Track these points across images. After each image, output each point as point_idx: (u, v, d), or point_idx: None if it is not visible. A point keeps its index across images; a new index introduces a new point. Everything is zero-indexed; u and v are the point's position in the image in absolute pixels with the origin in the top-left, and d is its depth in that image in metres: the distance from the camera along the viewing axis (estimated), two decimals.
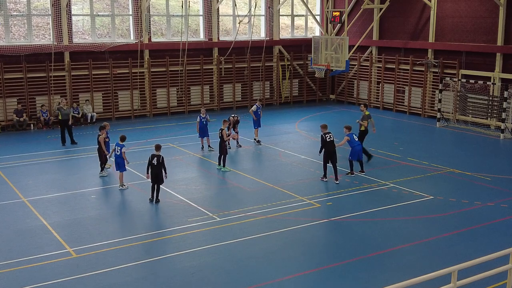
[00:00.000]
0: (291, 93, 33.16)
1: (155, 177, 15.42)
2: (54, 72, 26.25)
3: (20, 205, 15.42)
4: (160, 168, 15.36)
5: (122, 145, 16.69)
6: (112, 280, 11.07)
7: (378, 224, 14.08)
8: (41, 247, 12.57)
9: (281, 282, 11.00)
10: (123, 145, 16.73)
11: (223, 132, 18.77)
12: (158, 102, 29.16)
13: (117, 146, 16.75)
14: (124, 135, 17.15)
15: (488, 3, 25.51)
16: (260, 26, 32.60)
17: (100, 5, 28.23)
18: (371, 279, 11.11)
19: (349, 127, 18.31)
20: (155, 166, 15.34)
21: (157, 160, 15.33)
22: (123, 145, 16.70)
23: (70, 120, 22.55)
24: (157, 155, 15.40)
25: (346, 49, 26.47)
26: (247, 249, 12.60)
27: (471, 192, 16.56)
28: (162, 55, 28.86)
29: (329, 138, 17.26)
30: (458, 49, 26.86)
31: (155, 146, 15.71)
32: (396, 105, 30.19)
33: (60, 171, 19.10)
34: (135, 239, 13.10)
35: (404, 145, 22.46)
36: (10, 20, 26.09)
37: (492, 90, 25.15)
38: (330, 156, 17.33)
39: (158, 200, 15.57)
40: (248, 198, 16.13)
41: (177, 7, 29.26)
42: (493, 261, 9.15)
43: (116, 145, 16.80)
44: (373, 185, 17.18)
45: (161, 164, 15.38)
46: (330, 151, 17.28)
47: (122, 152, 16.56)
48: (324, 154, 17.42)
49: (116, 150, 16.77)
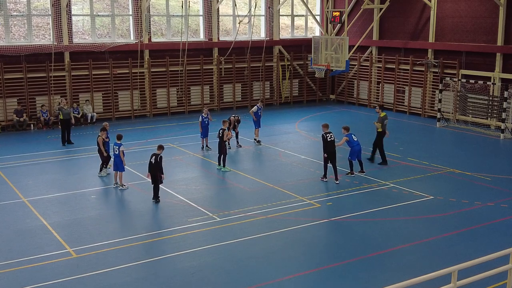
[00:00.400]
0: (291, 93, 33.16)
1: (153, 176, 15.45)
2: (54, 72, 26.25)
3: (20, 205, 15.42)
4: (156, 168, 15.33)
5: (120, 144, 16.60)
6: (112, 280, 11.07)
7: (378, 224, 14.08)
8: (41, 247, 12.57)
9: (281, 282, 11.00)
10: (121, 144, 16.65)
11: (224, 132, 18.76)
12: (158, 102, 29.16)
13: (115, 146, 16.69)
14: (120, 133, 17.13)
15: (488, 3, 25.51)
16: (260, 26, 32.60)
17: (100, 5, 28.23)
18: (371, 279, 11.11)
19: (347, 127, 18.31)
20: (153, 165, 15.35)
21: (155, 159, 15.33)
22: (120, 144, 16.61)
23: (72, 119, 22.57)
24: (155, 154, 15.41)
25: (346, 49, 26.47)
26: (247, 249, 12.60)
27: (471, 192, 16.56)
28: (162, 55, 28.86)
29: (329, 138, 17.26)
30: (458, 49, 26.86)
31: (157, 146, 15.77)
32: (396, 105, 30.19)
33: (60, 171, 19.10)
34: (135, 239, 13.10)
35: (404, 145, 22.46)
36: (10, 20, 26.09)
37: (492, 90, 25.15)
38: (330, 156, 17.33)
39: (157, 200, 15.56)
40: (248, 198, 16.13)
41: (177, 7, 29.26)
42: (493, 261, 9.14)
43: (114, 145, 16.75)
44: (373, 185, 17.18)
45: (158, 163, 15.35)
46: (330, 151, 17.28)
47: (120, 151, 16.49)
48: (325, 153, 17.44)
49: (114, 149, 16.73)
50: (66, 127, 22.42)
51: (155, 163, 15.32)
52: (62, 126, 22.48)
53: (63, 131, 22.41)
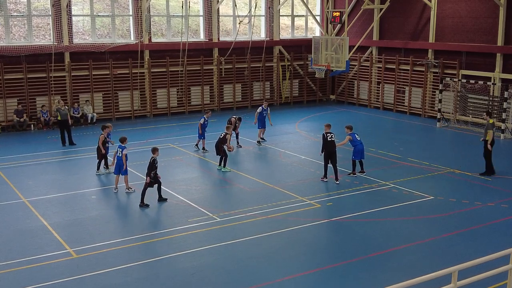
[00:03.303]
0: (291, 93, 33.16)
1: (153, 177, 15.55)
2: (55, 73, 26.25)
3: (20, 206, 15.42)
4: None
5: (124, 147, 16.42)
6: (112, 281, 11.07)
7: (378, 224, 14.08)
8: (42, 248, 12.57)
9: (281, 282, 11.00)
10: (125, 147, 16.45)
11: (227, 136, 18.69)
12: (158, 102, 29.17)
13: (119, 148, 16.46)
14: (125, 136, 16.86)
15: (488, 3, 25.51)
16: (260, 27, 32.61)
17: (100, 5, 28.24)
18: (371, 279, 11.11)
19: (350, 126, 18.29)
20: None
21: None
22: (124, 147, 16.42)
23: (69, 120, 22.55)
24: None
25: (346, 49, 26.48)
26: (247, 249, 12.60)
27: (471, 192, 16.56)
28: (162, 56, 28.86)
29: (330, 138, 17.26)
30: (458, 49, 26.86)
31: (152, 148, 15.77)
32: (396, 105, 30.20)
33: (61, 172, 19.10)
34: (136, 239, 13.10)
35: (405, 145, 22.46)
36: (10, 20, 26.10)
37: (492, 90, 25.15)
38: (330, 156, 17.33)
39: (161, 199, 15.61)
40: (248, 198, 16.13)
41: (177, 7, 29.27)
42: (494, 261, 9.14)
43: (118, 147, 16.52)
44: (374, 185, 17.18)
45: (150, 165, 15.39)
46: (330, 151, 17.28)
47: (123, 154, 16.27)
48: (325, 154, 17.42)
49: (118, 152, 16.46)
50: (64, 128, 22.38)
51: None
52: (60, 127, 22.46)
53: (61, 132, 22.38)
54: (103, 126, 18.38)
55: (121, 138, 16.67)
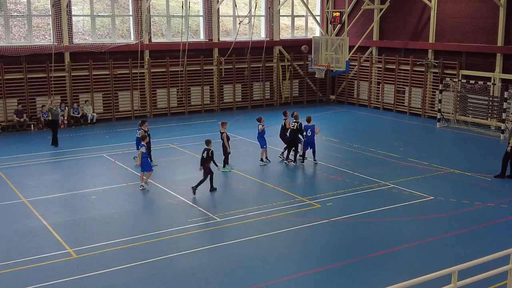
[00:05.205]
0: (291, 93, 33.16)
1: (206, 169, 16.30)
2: (54, 73, 26.25)
3: (20, 206, 15.42)
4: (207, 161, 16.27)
5: (143, 145, 16.85)
6: (112, 281, 11.07)
7: (378, 225, 14.07)
8: (41, 248, 12.56)
9: (281, 282, 10.99)
10: (143, 145, 16.86)
11: (224, 135, 18.69)
12: (158, 102, 29.17)
13: (140, 146, 16.95)
14: (145, 135, 17.62)
15: (488, 4, 25.51)
16: (260, 27, 32.60)
17: (100, 5, 28.24)
18: (371, 279, 11.11)
19: (309, 118, 19.77)
20: (205, 159, 16.26)
21: (207, 154, 16.24)
22: (143, 145, 16.84)
23: (59, 120, 22.40)
24: (206, 149, 16.28)
25: (346, 49, 26.46)
26: (247, 249, 12.60)
27: (471, 193, 16.56)
28: (162, 56, 28.86)
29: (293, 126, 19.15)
30: (458, 49, 26.85)
31: (205, 141, 16.61)
32: (396, 105, 30.19)
33: (60, 172, 19.09)
34: (135, 239, 13.10)
35: (404, 146, 22.45)
36: (11, 20, 26.10)
37: (492, 90, 25.15)
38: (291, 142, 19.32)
39: (212, 189, 16.54)
40: (248, 198, 16.13)
41: (177, 7, 29.27)
42: (494, 261, 9.15)
43: (140, 146, 16.98)
44: (374, 186, 17.18)
45: (210, 158, 16.25)
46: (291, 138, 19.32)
47: (140, 151, 16.74)
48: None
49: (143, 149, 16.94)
50: (54, 128, 22.33)
51: (206, 158, 16.22)
52: (51, 127, 22.39)
53: (53, 131, 22.29)
54: (142, 121, 18.99)
55: (142, 136, 17.43)
